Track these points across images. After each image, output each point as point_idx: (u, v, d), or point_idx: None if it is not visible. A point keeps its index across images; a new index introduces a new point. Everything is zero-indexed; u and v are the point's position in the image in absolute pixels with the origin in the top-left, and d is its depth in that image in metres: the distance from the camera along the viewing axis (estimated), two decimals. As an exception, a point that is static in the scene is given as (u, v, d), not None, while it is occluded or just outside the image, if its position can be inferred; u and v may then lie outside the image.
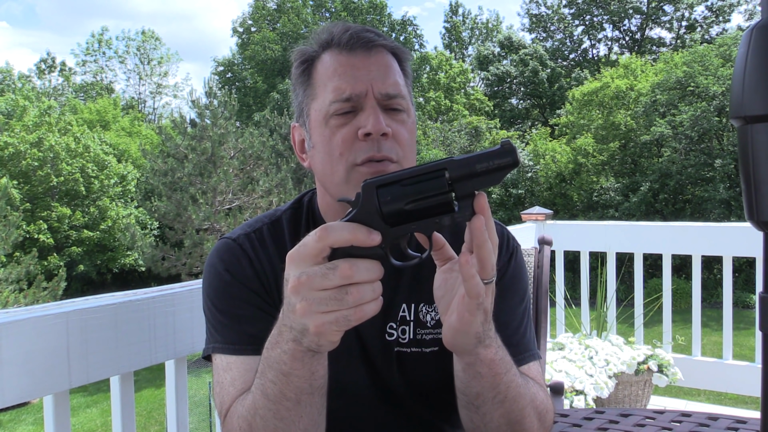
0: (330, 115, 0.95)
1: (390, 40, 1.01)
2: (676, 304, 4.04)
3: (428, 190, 0.70)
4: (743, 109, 0.68)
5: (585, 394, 2.93)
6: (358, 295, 0.68)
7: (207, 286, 1.02)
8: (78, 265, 21.60)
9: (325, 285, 0.68)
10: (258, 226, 1.06)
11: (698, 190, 19.04)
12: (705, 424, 1.24)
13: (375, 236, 0.69)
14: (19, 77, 35.10)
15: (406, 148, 0.96)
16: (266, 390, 0.81)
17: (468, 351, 0.81)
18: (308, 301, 0.69)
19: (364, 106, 0.94)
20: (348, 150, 0.94)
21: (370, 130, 0.92)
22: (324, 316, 0.69)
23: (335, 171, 0.95)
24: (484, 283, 0.73)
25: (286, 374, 0.78)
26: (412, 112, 1.00)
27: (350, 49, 0.96)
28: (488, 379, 0.84)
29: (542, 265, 1.80)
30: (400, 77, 0.99)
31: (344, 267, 0.68)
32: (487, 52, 32.34)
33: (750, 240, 3.21)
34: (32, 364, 1.15)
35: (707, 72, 18.99)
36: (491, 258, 0.72)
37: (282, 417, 0.81)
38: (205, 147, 15.73)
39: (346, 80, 0.94)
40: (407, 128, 0.98)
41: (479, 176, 0.70)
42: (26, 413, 12.19)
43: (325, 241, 0.68)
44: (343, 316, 0.69)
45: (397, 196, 0.70)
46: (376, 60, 0.96)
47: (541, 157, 22.71)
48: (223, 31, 79.28)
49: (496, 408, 0.86)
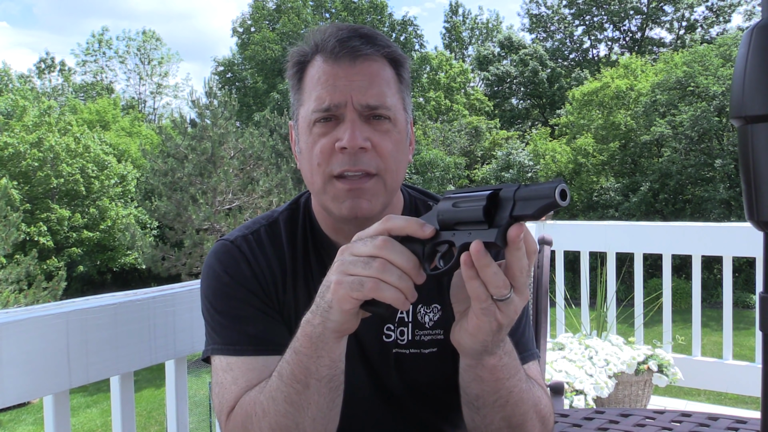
0: (312, 123, 0.95)
1: (385, 44, 0.98)
2: (676, 304, 4.04)
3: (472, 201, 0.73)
4: (743, 109, 0.68)
5: (585, 394, 2.93)
6: (382, 267, 0.72)
7: (205, 288, 1.02)
8: (78, 266, 21.61)
9: (360, 251, 0.75)
10: (255, 228, 1.06)
11: (698, 190, 19.05)
12: (705, 424, 1.24)
13: (427, 228, 0.74)
14: (19, 77, 35.12)
15: (388, 160, 0.95)
16: (282, 370, 0.85)
17: (470, 354, 0.81)
18: (343, 263, 0.76)
19: (344, 118, 0.93)
20: (325, 161, 0.94)
21: (345, 144, 0.92)
22: (346, 277, 0.74)
23: (315, 180, 0.97)
24: (496, 299, 0.73)
25: (297, 351, 0.82)
26: (400, 120, 0.98)
27: (335, 57, 0.95)
28: (489, 383, 0.83)
29: (542, 265, 1.80)
30: (387, 86, 0.96)
31: (381, 240, 0.74)
32: (487, 52, 32.35)
33: (750, 240, 3.21)
34: (32, 364, 1.15)
35: (707, 72, 19.00)
36: (496, 279, 0.71)
37: (292, 401, 0.83)
38: (205, 147, 15.73)
39: (327, 90, 0.94)
40: (392, 138, 0.96)
41: (525, 218, 0.71)
42: (26, 413, 12.20)
43: (385, 225, 0.75)
44: (359, 281, 0.73)
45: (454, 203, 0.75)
46: (360, 69, 0.95)
47: (541, 157, 22.72)
48: (222, 31, 79.30)
49: (497, 411, 0.86)
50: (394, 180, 0.98)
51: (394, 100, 0.97)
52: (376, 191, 0.95)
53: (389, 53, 0.98)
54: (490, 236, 0.71)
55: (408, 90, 1.04)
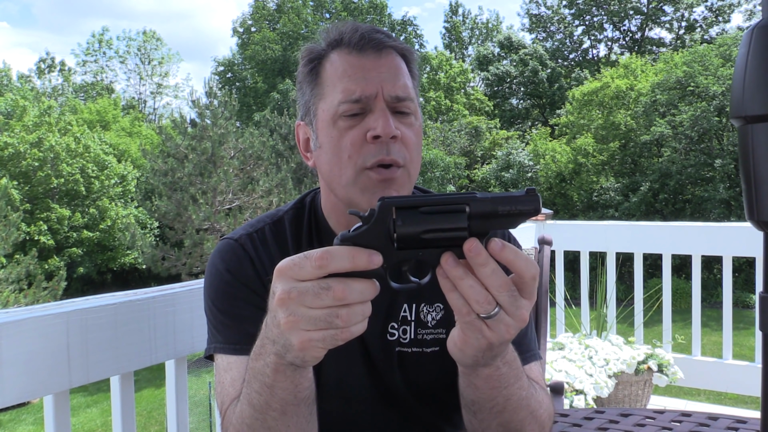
0: (338, 115, 0.94)
1: (399, 41, 1.00)
2: (676, 303, 4.04)
3: (446, 222, 0.68)
4: (744, 109, 0.68)
5: (585, 394, 2.93)
6: (347, 318, 0.66)
7: (208, 286, 1.02)
8: (78, 267, 21.61)
9: (316, 304, 0.65)
10: (260, 226, 1.05)
11: (698, 190, 19.05)
12: (705, 424, 1.24)
13: (376, 259, 0.66)
14: (19, 77, 35.11)
15: (413, 152, 0.96)
16: (252, 400, 0.80)
17: (464, 364, 0.79)
18: (295, 316, 0.66)
19: (373, 108, 0.93)
20: (357, 153, 0.93)
21: (380, 132, 0.91)
22: (310, 334, 0.66)
23: (343, 173, 0.94)
24: (481, 317, 0.69)
25: (270, 386, 0.77)
26: (419, 114, 1.00)
27: (360, 49, 0.95)
28: (484, 391, 0.82)
29: (542, 265, 1.80)
30: (408, 79, 0.98)
31: (338, 289, 0.65)
32: (486, 52, 32.35)
33: (750, 240, 3.21)
34: (32, 364, 1.15)
35: (707, 72, 19.00)
36: (474, 293, 0.67)
37: (269, 426, 0.80)
38: (205, 147, 15.73)
39: (356, 81, 0.93)
40: (414, 131, 0.97)
41: (498, 218, 0.68)
42: (26, 413, 12.19)
43: (324, 270, 0.65)
44: (330, 336, 0.66)
45: (414, 222, 0.68)
46: (386, 62, 0.96)
47: (541, 157, 22.71)
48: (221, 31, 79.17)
49: (494, 417, 0.85)
50: (416, 172, 0.99)
51: (414, 93, 0.99)
52: (403, 182, 0.95)
53: (402, 48, 1.00)
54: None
55: (419, 87, 1.05)
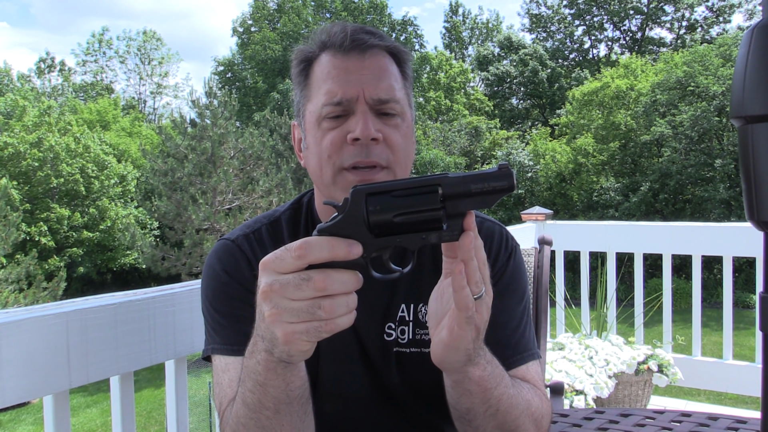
0: (322, 117, 0.95)
1: (389, 40, 1.00)
2: (676, 304, 4.05)
3: (419, 205, 0.68)
4: (744, 109, 0.68)
5: (585, 394, 2.93)
6: (330, 309, 0.66)
7: (205, 287, 1.02)
8: (78, 267, 21.61)
9: (297, 296, 0.66)
10: (257, 227, 1.06)
11: (698, 190, 19.04)
12: (705, 424, 1.24)
13: (355, 248, 0.67)
14: (19, 77, 35.11)
15: (398, 153, 0.96)
16: (246, 399, 0.81)
17: (456, 369, 0.80)
18: (278, 309, 0.67)
19: (354, 111, 0.94)
20: (336, 153, 0.94)
21: (358, 135, 0.92)
22: (294, 326, 0.67)
23: (324, 173, 0.96)
24: (474, 297, 0.72)
25: (262, 384, 0.77)
26: (408, 115, 1.00)
27: (345, 51, 0.96)
28: (478, 395, 0.83)
29: (542, 265, 1.80)
30: (395, 80, 0.98)
31: (318, 279, 0.65)
32: (486, 52, 32.35)
33: (750, 240, 3.21)
34: (32, 364, 1.15)
35: (707, 72, 19.00)
36: (476, 274, 0.71)
37: (263, 426, 0.81)
38: (205, 147, 15.74)
39: (338, 84, 0.94)
40: (401, 132, 0.97)
41: (472, 197, 0.68)
42: (26, 413, 12.19)
43: (304, 260, 0.66)
44: (313, 328, 0.67)
45: (387, 207, 0.68)
46: (370, 63, 0.96)
47: (541, 157, 22.71)
48: (221, 30, 79.12)
49: (489, 421, 0.85)
50: (403, 173, 0.98)
51: (401, 94, 0.98)
52: None
53: (393, 48, 1.00)
54: (452, 228, 0.68)
55: (411, 87, 1.05)
